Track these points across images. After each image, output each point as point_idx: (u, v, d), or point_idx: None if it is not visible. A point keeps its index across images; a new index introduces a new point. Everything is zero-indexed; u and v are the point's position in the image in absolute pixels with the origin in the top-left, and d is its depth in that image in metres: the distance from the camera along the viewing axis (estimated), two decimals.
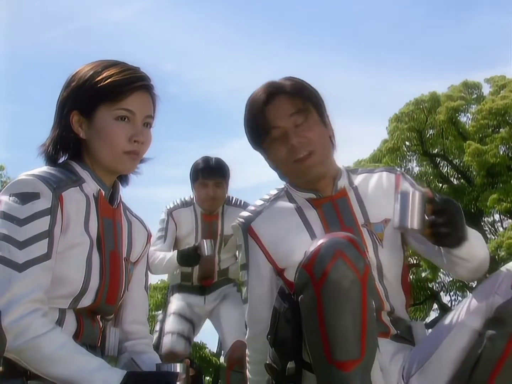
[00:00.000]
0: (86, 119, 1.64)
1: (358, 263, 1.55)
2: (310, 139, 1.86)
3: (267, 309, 1.84)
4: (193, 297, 3.72)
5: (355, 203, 1.91)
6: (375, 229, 1.88)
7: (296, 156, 1.85)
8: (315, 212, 1.90)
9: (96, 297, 1.62)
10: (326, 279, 1.53)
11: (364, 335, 1.53)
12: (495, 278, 1.69)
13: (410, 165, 16.82)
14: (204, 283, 3.72)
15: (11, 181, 1.59)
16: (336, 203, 1.91)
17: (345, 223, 1.88)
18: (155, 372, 1.56)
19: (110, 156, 1.64)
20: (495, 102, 15.27)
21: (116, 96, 1.62)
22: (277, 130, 1.87)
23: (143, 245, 1.82)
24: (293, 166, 1.86)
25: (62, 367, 1.46)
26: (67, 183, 1.61)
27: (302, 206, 1.92)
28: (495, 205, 14.25)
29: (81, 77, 1.64)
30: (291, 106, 1.87)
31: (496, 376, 1.60)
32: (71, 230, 1.59)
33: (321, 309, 1.54)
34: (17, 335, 1.45)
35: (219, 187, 3.66)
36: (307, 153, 1.85)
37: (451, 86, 16.71)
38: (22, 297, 1.47)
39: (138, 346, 1.77)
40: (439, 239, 1.67)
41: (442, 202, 1.64)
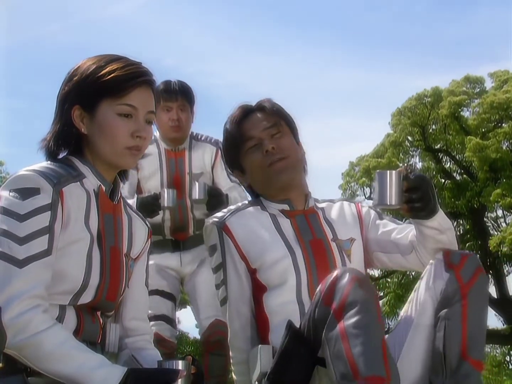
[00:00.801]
0: (88, 114, 1.63)
1: (371, 293, 1.65)
2: (284, 146, 1.98)
3: (246, 304, 1.95)
4: (167, 256, 3.31)
5: (324, 220, 2.03)
6: (343, 245, 2.00)
7: (270, 159, 1.96)
8: (289, 221, 2.00)
9: (97, 293, 1.61)
10: (346, 303, 1.59)
11: (385, 354, 1.58)
12: (429, 269, 1.84)
13: (413, 161, 16.82)
14: (178, 236, 3.33)
15: (11, 177, 1.58)
16: (308, 217, 2.02)
17: (316, 235, 1.99)
18: (156, 369, 1.56)
19: (112, 152, 1.63)
20: (497, 96, 15.23)
21: (119, 92, 1.61)
22: (253, 141, 1.99)
23: (144, 241, 1.81)
24: (267, 170, 1.96)
25: (62, 364, 1.46)
26: (67, 178, 1.60)
27: (276, 215, 2.01)
28: (498, 200, 14.22)
29: (84, 72, 1.63)
30: (266, 121, 2.01)
31: (466, 346, 1.73)
32: (72, 226, 1.58)
33: (345, 335, 1.57)
34: (17, 331, 1.45)
35: (184, 111, 3.29)
36: (280, 157, 1.96)
37: (453, 81, 16.66)
38: (23, 293, 1.46)
39: (138, 343, 1.76)
40: (415, 213, 1.79)
41: (416, 179, 1.75)
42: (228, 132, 2.05)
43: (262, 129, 2.00)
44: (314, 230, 1.99)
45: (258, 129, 2.00)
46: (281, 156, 1.97)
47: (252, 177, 2.03)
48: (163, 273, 3.29)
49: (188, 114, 3.31)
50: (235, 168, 2.08)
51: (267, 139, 1.98)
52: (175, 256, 3.32)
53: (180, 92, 3.28)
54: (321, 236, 1.99)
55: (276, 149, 1.96)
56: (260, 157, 1.97)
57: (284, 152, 1.97)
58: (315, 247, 1.95)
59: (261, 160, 1.97)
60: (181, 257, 3.32)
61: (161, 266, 3.28)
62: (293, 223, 1.99)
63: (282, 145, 1.98)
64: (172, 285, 3.32)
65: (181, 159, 3.35)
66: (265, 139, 1.98)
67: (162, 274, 3.29)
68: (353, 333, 1.56)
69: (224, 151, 2.12)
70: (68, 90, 1.64)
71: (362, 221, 2.06)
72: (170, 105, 3.26)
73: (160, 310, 3.25)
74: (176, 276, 3.34)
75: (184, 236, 3.33)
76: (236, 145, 2.01)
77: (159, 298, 3.26)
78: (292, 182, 2.00)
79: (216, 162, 3.37)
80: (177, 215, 3.30)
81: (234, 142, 2.02)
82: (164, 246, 3.30)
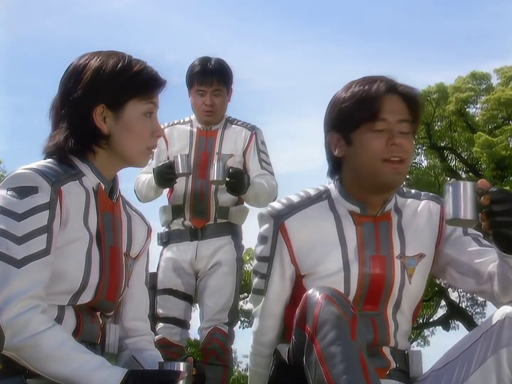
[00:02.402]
0: (112, 112, 1.61)
1: (345, 308, 1.56)
2: (409, 148, 1.81)
3: (282, 306, 1.88)
4: (184, 247, 3.22)
5: (395, 231, 1.86)
6: (408, 263, 1.84)
7: (391, 155, 1.77)
8: (354, 229, 1.84)
9: (96, 293, 1.60)
10: (317, 323, 1.54)
11: (365, 368, 1.52)
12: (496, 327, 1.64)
13: (418, 158, 16.77)
14: (197, 223, 3.23)
15: (8, 175, 1.57)
16: (378, 225, 1.85)
17: (381, 251, 1.83)
18: (156, 370, 1.55)
19: (135, 151, 1.64)
20: (504, 92, 15.16)
21: (150, 91, 1.63)
22: (384, 124, 1.78)
23: (143, 240, 1.79)
24: (380, 164, 1.78)
25: (62, 365, 1.44)
26: (66, 176, 1.58)
27: (342, 218, 1.85)
28: None
29: (113, 70, 1.60)
30: (406, 113, 1.82)
31: None
32: (70, 224, 1.56)
33: (322, 358, 1.52)
34: (16, 332, 1.43)
35: (218, 96, 3.19)
36: (399, 159, 1.79)
37: (459, 77, 16.58)
38: (21, 293, 1.45)
39: (139, 343, 1.75)
40: (499, 229, 1.62)
41: (499, 192, 1.60)
42: (359, 93, 1.80)
43: (399, 119, 1.79)
44: (381, 243, 1.83)
45: (396, 116, 1.79)
46: (403, 157, 1.79)
47: (356, 157, 1.81)
48: (179, 270, 3.23)
49: (223, 97, 3.23)
50: (338, 131, 1.84)
51: (397, 132, 1.78)
52: (192, 246, 3.22)
53: (215, 75, 3.19)
54: (385, 253, 1.83)
55: (402, 147, 1.78)
56: (381, 146, 1.77)
57: (406, 154, 1.80)
58: (375, 265, 1.81)
59: (380, 149, 1.77)
60: (198, 249, 3.21)
61: (177, 261, 3.23)
62: (359, 232, 1.83)
63: (408, 147, 1.80)
64: (187, 283, 3.24)
65: (213, 138, 3.26)
66: (395, 131, 1.78)
67: (178, 272, 3.23)
68: (329, 354, 1.50)
69: (338, 111, 1.83)
70: (93, 88, 1.60)
71: (442, 230, 1.88)
72: (204, 89, 3.19)
73: (171, 312, 3.20)
74: (191, 273, 3.25)
75: (204, 222, 3.22)
76: (362, 113, 1.78)
77: (173, 298, 3.21)
78: (395, 186, 1.84)
79: (250, 147, 3.27)
80: (198, 196, 3.21)
81: (363, 110, 1.78)
82: (182, 235, 3.23)
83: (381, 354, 1.81)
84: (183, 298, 3.23)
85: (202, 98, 3.20)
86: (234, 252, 3.25)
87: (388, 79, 1.84)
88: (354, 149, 1.81)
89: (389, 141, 1.78)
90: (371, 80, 1.82)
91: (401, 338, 1.86)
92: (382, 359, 1.80)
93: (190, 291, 3.26)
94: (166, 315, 3.19)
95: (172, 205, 3.29)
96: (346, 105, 1.81)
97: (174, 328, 3.18)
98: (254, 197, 3.21)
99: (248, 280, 17.74)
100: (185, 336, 3.25)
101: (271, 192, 3.23)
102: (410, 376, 1.84)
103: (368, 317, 1.79)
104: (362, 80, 1.84)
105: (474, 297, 16.33)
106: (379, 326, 1.81)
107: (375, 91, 1.79)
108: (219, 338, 3.14)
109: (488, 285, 1.78)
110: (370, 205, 1.85)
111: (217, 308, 3.16)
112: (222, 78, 3.21)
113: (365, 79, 1.84)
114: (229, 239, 3.24)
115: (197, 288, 3.27)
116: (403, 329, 1.86)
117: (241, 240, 3.34)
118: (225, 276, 3.20)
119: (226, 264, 3.21)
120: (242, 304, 18.21)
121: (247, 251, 17.84)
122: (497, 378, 1.63)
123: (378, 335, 1.80)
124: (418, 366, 1.85)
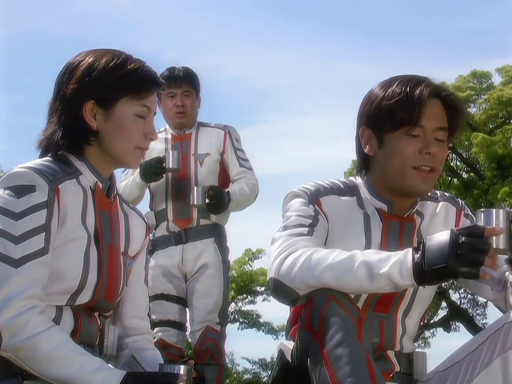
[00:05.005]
0: (103, 110, 1.60)
1: (351, 310, 1.54)
2: (442, 158, 1.76)
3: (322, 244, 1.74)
4: (171, 252, 3.28)
5: (417, 233, 1.83)
6: None
7: (422, 163, 1.72)
8: (381, 226, 1.79)
9: (94, 293, 1.59)
10: (323, 324, 1.51)
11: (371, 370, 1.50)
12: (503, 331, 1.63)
13: None
14: (181, 224, 3.27)
15: (5, 174, 1.55)
16: (403, 226, 1.81)
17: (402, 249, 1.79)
18: (155, 372, 1.54)
19: (124, 150, 1.63)
20: (504, 91, 15.12)
21: (142, 92, 1.62)
22: (420, 130, 1.72)
23: (142, 238, 1.78)
24: (410, 171, 1.73)
25: (60, 367, 1.43)
26: (63, 175, 1.57)
27: (370, 214, 1.81)
28: (506, 198, 14.15)
29: (104, 68, 1.60)
30: (445, 119, 1.76)
31: None
32: (68, 224, 1.55)
33: (327, 360, 1.49)
34: (14, 333, 1.42)
35: (189, 97, 3.30)
36: (432, 167, 1.74)
37: (460, 76, 16.55)
38: (19, 293, 1.43)
39: (139, 343, 1.74)
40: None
41: None
42: (402, 94, 1.72)
43: (437, 127, 1.73)
44: (403, 244, 1.76)
45: (435, 123, 1.73)
46: (434, 167, 1.73)
47: (386, 159, 1.75)
48: (169, 276, 3.29)
49: (193, 99, 3.33)
50: (372, 128, 1.77)
51: (433, 140, 1.73)
52: (178, 250, 3.28)
53: (184, 78, 3.30)
54: None
55: (435, 157, 1.73)
56: (413, 152, 1.71)
57: (438, 164, 1.74)
58: None
59: (412, 156, 1.71)
60: (183, 252, 3.28)
61: (165, 267, 3.28)
62: (384, 230, 1.79)
63: (441, 157, 1.74)
64: (178, 287, 3.31)
65: (187, 141, 3.34)
66: (431, 138, 1.73)
67: (167, 277, 3.29)
68: (335, 356, 1.48)
69: (375, 108, 1.75)
70: (83, 85, 1.60)
71: None
72: (174, 91, 3.29)
73: (166, 315, 3.25)
74: (180, 277, 3.32)
75: (187, 223, 3.28)
76: (402, 116, 1.71)
77: (166, 303, 3.26)
78: (421, 194, 1.79)
79: (226, 147, 3.35)
80: (179, 197, 3.28)
81: (402, 111, 1.71)
82: (167, 241, 3.29)
83: (386, 357, 1.78)
84: (176, 302, 3.29)
85: (172, 100, 3.31)
86: (219, 254, 3.30)
87: (432, 82, 1.77)
88: (386, 150, 1.76)
89: (423, 149, 1.72)
90: (414, 82, 1.74)
91: (407, 342, 1.83)
92: (386, 363, 1.77)
93: (182, 294, 3.31)
94: (161, 319, 3.24)
95: (155, 210, 3.36)
96: (386, 104, 1.74)
97: (170, 330, 3.23)
98: (237, 206, 3.31)
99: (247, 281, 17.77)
100: (182, 338, 3.28)
101: (251, 194, 3.33)
102: (414, 378, 1.82)
103: (377, 318, 1.76)
104: (404, 79, 1.76)
105: (475, 298, 16.33)
106: (386, 330, 1.78)
107: (419, 95, 1.71)
108: (213, 336, 3.17)
109: (502, 293, 1.75)
110: (397, 206, 1.81)
111: (206, 309, 3.21)
112: (190, 80, 3.32)
113: (408, 78, 1.76)
114: (212, 241, 3.31)
115: (187, 291, 3.32)
116: (410, 333, 1.84)
117: (225, 241, 3.39)
118: (212, 278, 3.26)
119: (212, 266, 3.27)
120: (241, 305, 18.23)
121: (245, 251, 17.86)
122: (503, 380, 1.62)
123: (384, 339, 1.77)
124: (422, 368, 1.82)
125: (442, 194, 1.92)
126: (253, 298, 18.41)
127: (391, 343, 1.79)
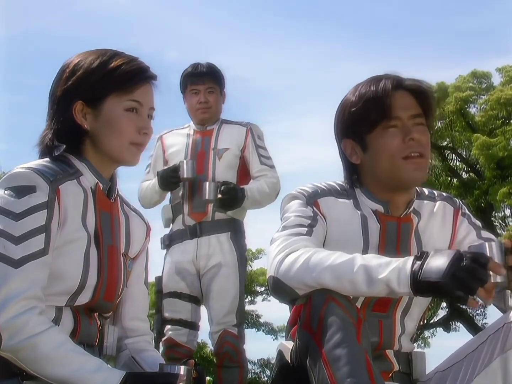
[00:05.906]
0: (91, 109, 1.61)
1: (350, 310, 1.54)
2: (426, 142, 1.77)
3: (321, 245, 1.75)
4: (185, 247, 3.24)
5: (415, 233, 1.83)
6: None
7: (410, 150, 1.73)
8: (378, 227, 1.80)
9: (94, 293, 1.59)
10: (322, 325, 1.51)
11: (371, 371, 1.49)
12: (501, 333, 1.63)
13: None
14: (196, 217, 3.24)
15: (5, 174, 1.55)
16: (401, 226, 1.82)
17: (401, 253, 1.76)
18: (154, 372, 1.54)
19: (118, 147, 1.61)
20: (504, 92, 15.10)
21: (128, 87, 1.60)
22: (397, 121, 1.75)
23: (142, 239, 1.78)
24: (400, 162, 1.74)
25: (59, 367, 1.43)
26: (64, 176, 1.57)
27: (367, 216, 1.81)
28: (505, 199, 14.15)
29: (88, 67, 1.61)
30: (416, 106, 1.78)
31: None
32: (69, 224, 1.55)
33: (326, 360, 1.49)
34: (13, 333, 1.42)
35: (212, 93, 3.29)
36: (419, 154, 1.75)
37: (460, 76, 16.54)
38: (19, 294, 1.43)
39: (138, 344, 1.74)
40: None
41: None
42: (367, 94, 1.76)
43: (411, 115, 1.76)
44: (401, 245, 1.79)
45: (407, 111, 1.75)
46: (421, 151, 1.74)
47: (375, 160, 1.77)
48: (183, 273, 3.26)
49: (217, 95, 3.33)
50: (352, 137, 1.80)
51: (411, 127, 1.75)
52: (193, 244, 3.24)
53: (207, 74, 3.29)
54: (404, 255, 1.70)
55: (419, 141, 1.74)
56: (397, 143, 1.73)
57: (424, 148, 1.75)
58: None
59: (397, 147, 1.73)
60: (198, 246, 3.23)
61: (180, 263, 3.25)
62: (382, 230, 1.79)
63: (424, 140, 1.76)
64: (191, 285, 3.27)
65: (208, 137, 3.33)
66: (410, 126, 1.75)
67: (181, 275, 3.26)
68: (334, 356, 1.47)
69: (348, 116, 1.79)
70: (69, 86, 1.61)
71: (455, 235, 1.86)
72: (197, 88, 3.29)
73: (178, 314, 3.23)
74: (194, 273, 3.26)
75: (201, 216, 3.24)
76: (373, 114, 1.74)
77: (178, 301, 3.24)
78: (417, 183, 1.80)
79: (247, 143, 3.33)
80: (196, 190, 3.25)
81: (375, 111, 1.74)
82: (183, 235, 3.26)
83: (385, 356, 1.79)
84: (189, 300, 3.25)
85: (196, 96, 3.30)
86: (234, 252, 3.25)
87: (393, 75, 1.81)
88: (371, 151, 1.78)
89: (405, 137, 1.74)
90: (376, 80, 1.79)
91: (406, 341, 1.83)
92: (385, 362, 1.78)
93: (195, 293, 3.27)
94: (173, 318, 3.22)
95: (172, 204, 3.33)
96: (356, 108, 1.77)
97: (181, 329, 3.20)
98: (254, 203, 3.27)
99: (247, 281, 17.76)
100: (193, 337, 3.26)
101: (272, 192, 3.27)
102: (413, 378, 1.82)
103: (376, 318, 1.77)
104: (367, 81, 1.81)
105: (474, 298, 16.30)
106: (385, 329, 1.78)
107: (383, 89, 1.75)
108: (230, 341, 3.16)
109: (502, 294, 1.75)
110: (393, 206, 1.82)
111: (223, 311, 3.18)
112: (214, 77, 3.31)
113: (370, 79, 1.81)
114: (227, 237, 3.25)
115: (201, 289, 3.28)
116: (409, 332, 1.84)
117: (242, 238, 3.34)
118: (227, 278, 3.21)
119: (226, 265, 3.22)
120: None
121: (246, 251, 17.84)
122: (503, 380, 1.61)
123: (383, 339, 1.78)
124: (421, 367, 1.83)
125: (439, 194, 1.92)
126: (253, 298, 18.43)
127: (390, 342, 1.79)
